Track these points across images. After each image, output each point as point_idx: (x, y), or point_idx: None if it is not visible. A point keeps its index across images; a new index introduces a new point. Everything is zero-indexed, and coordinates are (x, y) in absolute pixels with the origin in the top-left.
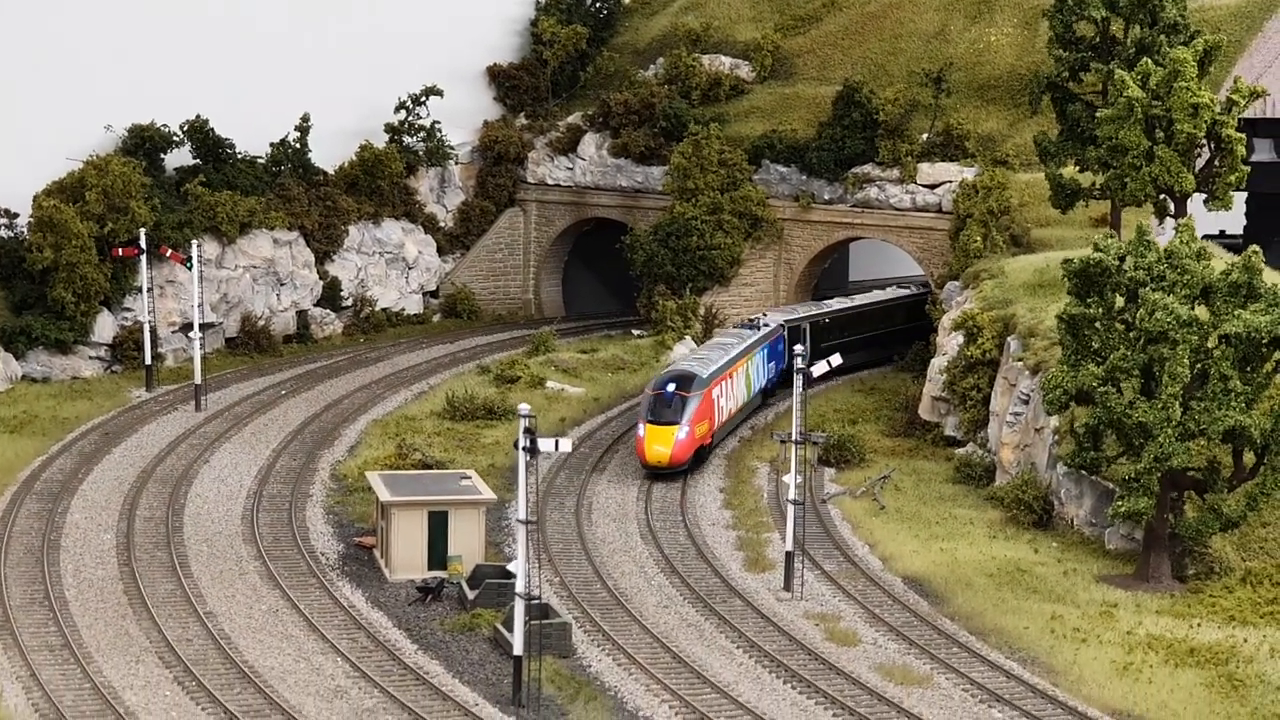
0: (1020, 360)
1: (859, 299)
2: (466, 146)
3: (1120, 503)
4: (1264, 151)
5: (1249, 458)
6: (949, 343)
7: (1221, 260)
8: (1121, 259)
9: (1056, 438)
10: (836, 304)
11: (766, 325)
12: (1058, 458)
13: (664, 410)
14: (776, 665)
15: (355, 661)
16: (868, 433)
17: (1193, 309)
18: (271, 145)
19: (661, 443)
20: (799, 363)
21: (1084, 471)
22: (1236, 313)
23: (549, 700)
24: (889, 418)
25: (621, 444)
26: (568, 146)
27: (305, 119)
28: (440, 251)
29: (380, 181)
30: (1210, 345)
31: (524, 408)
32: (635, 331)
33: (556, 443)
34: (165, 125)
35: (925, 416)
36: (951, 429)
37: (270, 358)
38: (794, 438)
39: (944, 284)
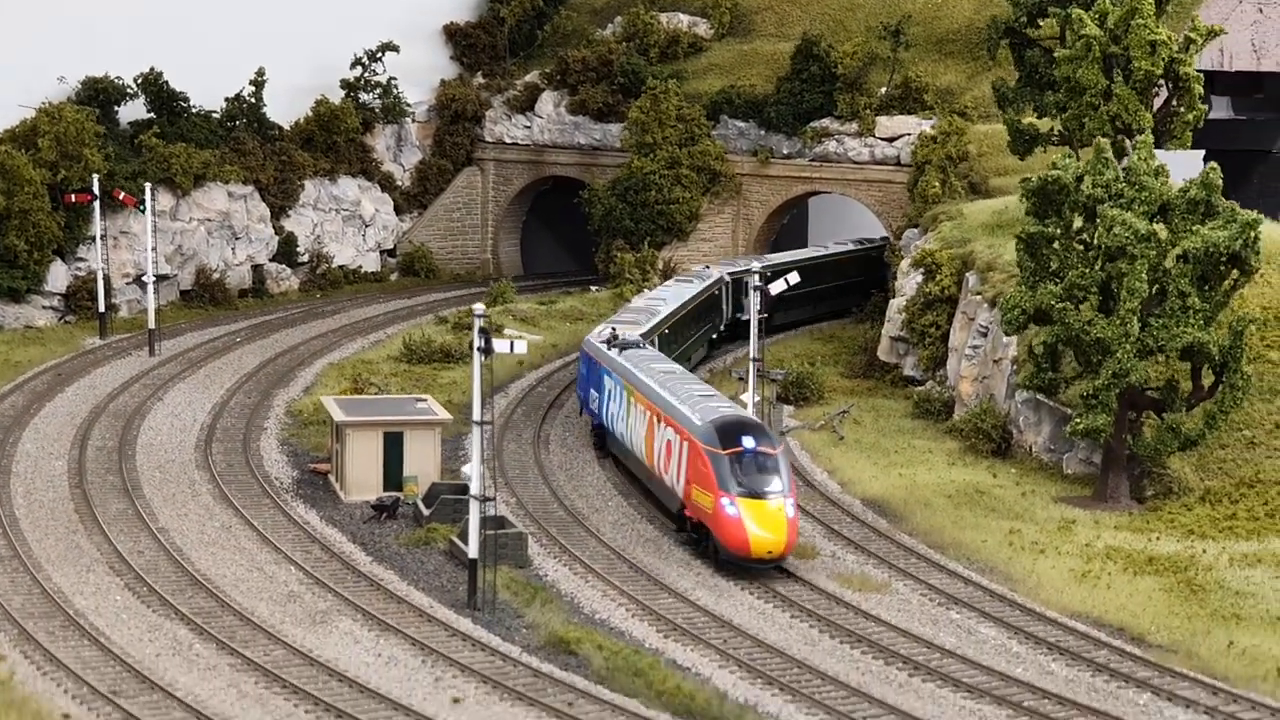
0: (979, 294)
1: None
2: (423, 105)
3: (1079, 420)
4: (1222, 109)
5: (1207, 376)
6: (907, 282)
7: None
8: (1080, 178)
9: (1015, 367)
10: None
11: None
12: (1016, 386)
13: (757, 477)
14: (734, 574)
15: (309, 570)
16: (827, 374)
17: (1151, 225)
18: (226, 100)
19: (770, 527)
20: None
21: (1041, 393)
22: (1195, 228)
23: (504, 604)
24: (848, 361)
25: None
26: (525, 105)
27: (260, 73)
28: (398, 210)
29: (336, 137)
30: (1168, 265)
31: (478, 308)
32: (594, 288)
33: (511, 344)
34: (119, 78)
35: (884, 358)
36: (910, 368)
37: (225, 311)
38: (751, 355)
39: (902, 233)
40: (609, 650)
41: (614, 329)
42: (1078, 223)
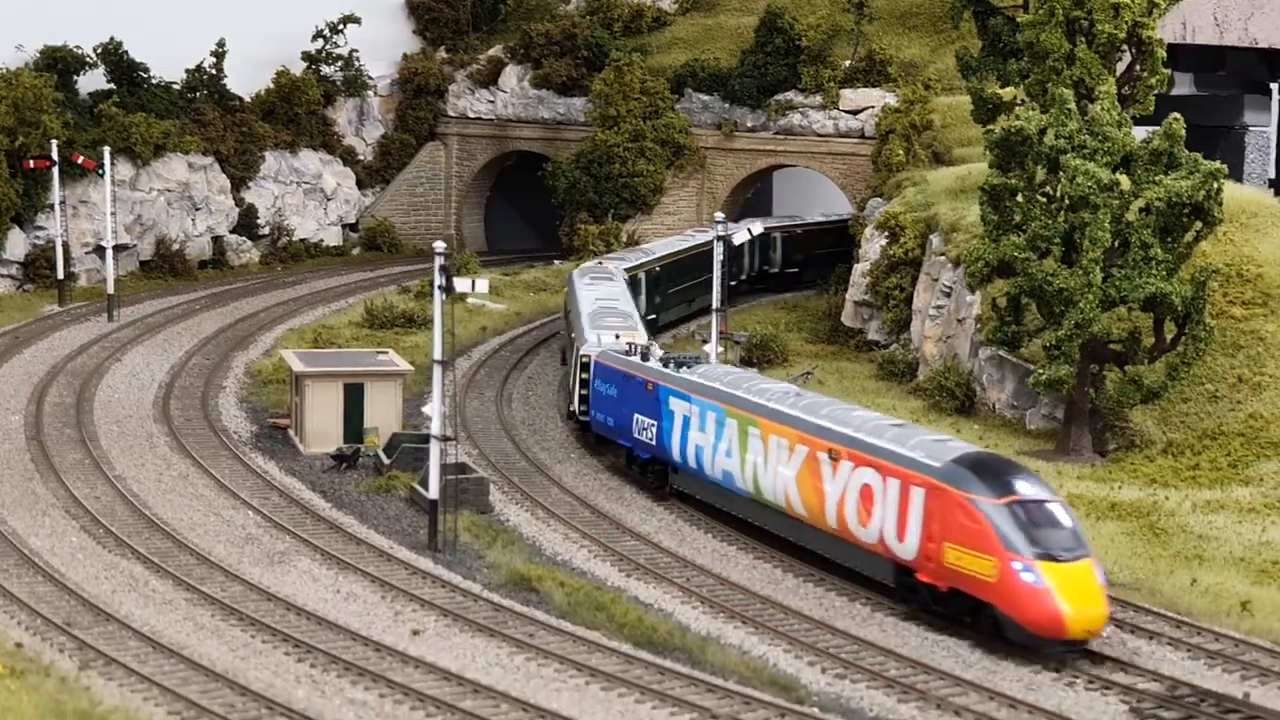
0: (942, 254)
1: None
2: (386, 79)
3: (1041, 371)
4: (1185, 85)
5: (1170, 328)
6: (871, 246)
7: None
8: (1043, 130)
9: (978, 325)
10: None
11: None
12: (979, 344)
13: (1052, 532)
14: (696, 520)
15: (267, 514)
16: (791, 339)
17: (1114, 175)
18: (187, 71)
19: (1086, 598)
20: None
21: (1005, 347)
22: (1158, 179)
23: (465, 546)
24: (812, 327)
25: (543, 347)
26: (489, 79)
27: (221, 44)
28: (360, 184)
29: (298, 109)
30: (1130, 217)
31: (439, 245)
32: (557, 261)
33: (473, 283)
34: (78, 47)
35: (848, 323)
36: (874, 332)
37: (185, 281)
38: (714, 306)
39: (866, 204)
40: (570, 587)
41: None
42: (1041, 175)
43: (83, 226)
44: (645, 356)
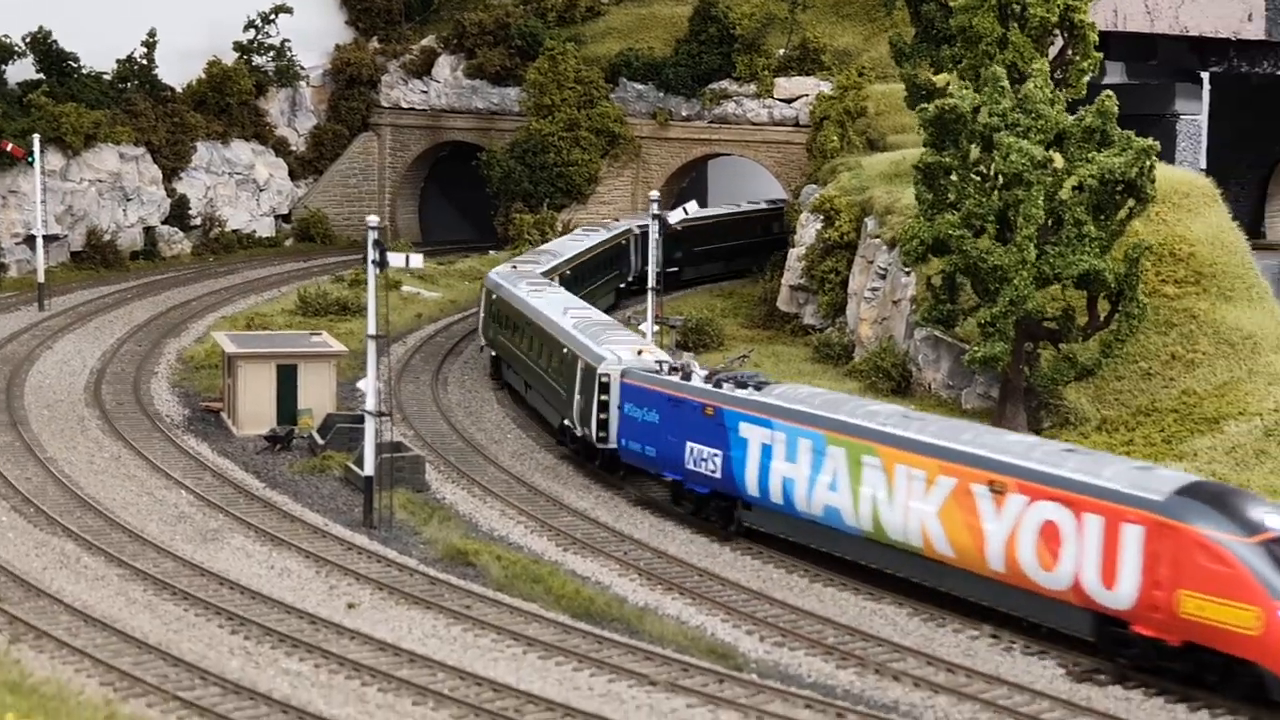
0: (877, 237)
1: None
2: (318, 70)
3: (977, 348)
4: (1116, 74)
5: (1103, 306)
6: (806, 230)
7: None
8: (976, 109)
9: (914, 306)
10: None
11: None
12: (915, 324)
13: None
14: (632, 497)
15: (200, 493)
16: (727, 325)
17: (1048, 152)
18: (118, 61)
19: None
20: None
21: (940, 326)
22: (1091, 156)
23: (401, 523)
24: (748, 313)
25: (479, 335)
26: (422, 69)
27: (152, 34)
28: (292, 175)
29: (229, 99)
30: (1064, 195)
31: (372, 219)
32: (492, 251)
33: (407, 258)
34: (6, 36)
35: (784, 308)
36: (810, 317)
37: (116, 272)
38: (650, 285)
39: (800, 191)
40: (507, 561)
41: (675, 363)
42: (975, 153)
43: (12, 216)
44: (687, 375)
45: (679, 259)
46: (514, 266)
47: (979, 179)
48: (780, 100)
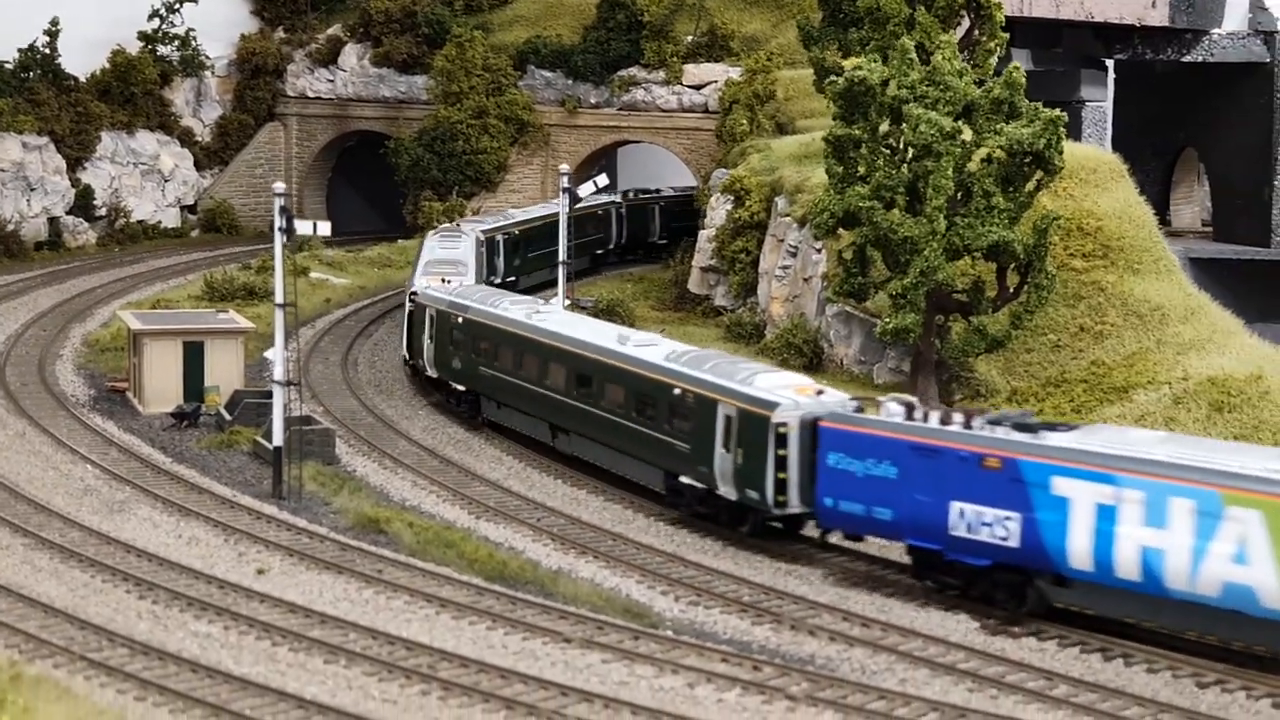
0: (788, 215)
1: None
2: (223, 60)
3: (888, 320)
4: (1022, 61)
5: (1013, 277)
6: (716, 211)
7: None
8: (885, 82)
9: (825, 283)
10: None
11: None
12: (826, 300)
13: None
14: (545, 467)
15: (106, 467)
16: (638, 307)
17: (956, 124)
18: (20, 50)
19: None
20: None
21: (851, 299)
22: (999, 127)
23: (311, 495)
24: (658, 296)
25: (389, 318)
26: (328, 58)
27: (55, 23)
28: (198, 166)
29: (134, 89)
30: (972, 168)
31: (278, 186)
32: (402, 241)
33: (315, 225)
34: None
35: (695, 290)
36: (721, 298)
37: (20, 262)
38: (562, 259)
39: (710, 176)
40: (419, 528)
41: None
42: (885, 126)
43: None
44: (925, 416)
45: (519, 267)
46: (428, 291)
47: (889, 152)
48: (689, 87)
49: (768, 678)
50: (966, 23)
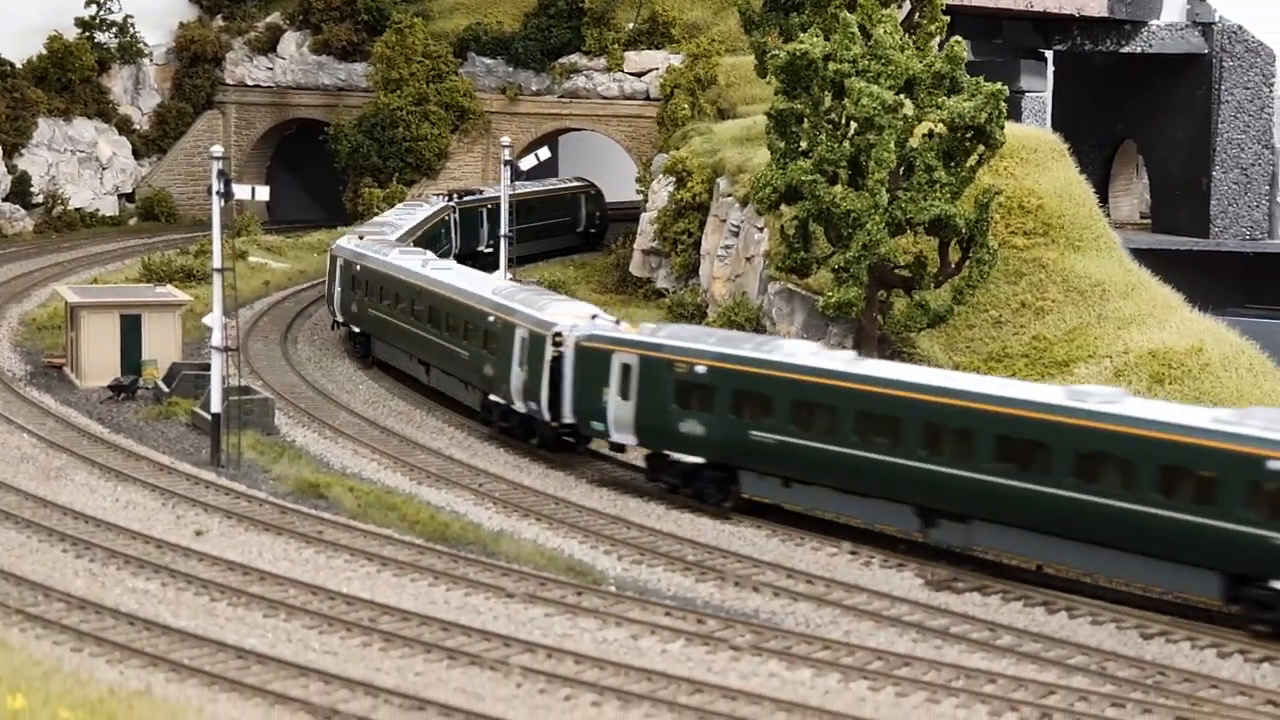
0: (730, 195)
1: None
2: (162, 48)
3: (831, 294)
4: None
5: (955, 252)
6: (658, 193)
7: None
8: (828, 57)
9: (767, 262)
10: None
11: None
12: (769, 278)
13: None
14: (487, 436)
15: (43, 436)
16: (579, 289)
17: (898, 97)
18: None
19: None
20: None
21: (794, 274)
22: (941, 101)
23: (250, 463)
24: (600, 279)
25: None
26: (267, 46)
27: None
28: (136, 154)
29: (71, 75)
30: (914, 144)
31: (216, 149)
32: (342, 227)
33: (253, 190)
34: None
35: (636, 273)
36: (663, 280)
37: None
38: (504, 233)
39: (651, 162)
40: (360, 492)
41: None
42: (827, 101)
43: None
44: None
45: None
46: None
47: (831, 126)
48: (630, 74)
49: (712, 630)
50: (908, 5)
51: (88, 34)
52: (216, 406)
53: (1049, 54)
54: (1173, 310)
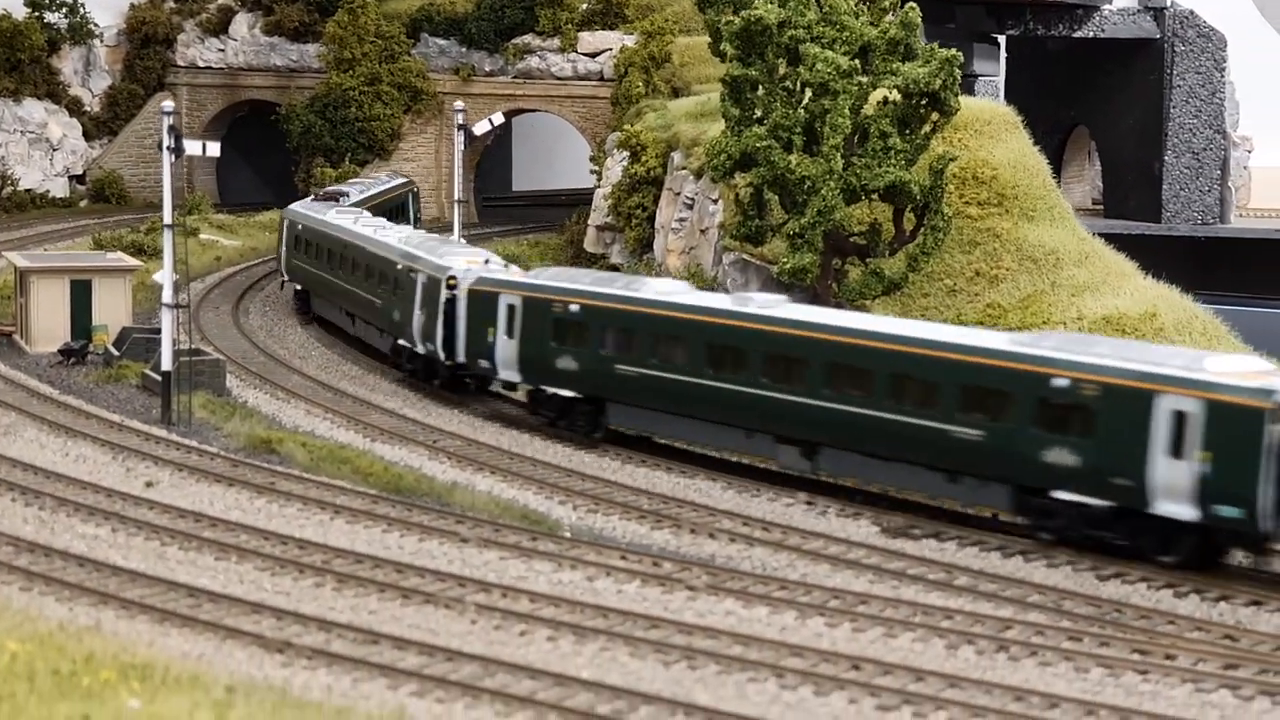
0: (684, 168)
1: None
2: (113, 29)
3: (786, 260)
4: None
5: (909, 219)
6: (612, 169)
7: None
8: (782, 24)
9: (721, 233)
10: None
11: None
12: (723, 249)
13: None
14: (441, 396)
15: None
16: (533, 265)
17: (853, 62)
18: None
19: None
20: None
21: (748, 242)
22: (896, 66)
23: (201, 421)
24: (554, 257)
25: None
26: (219, 27)
27: None
28: (87, 136)
29: (20, 55)
30: (869, 111)
31: (167, 105)
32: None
33: (204, 145)
34: None
35: (591, 249)
36: (617, 256)
37: None
38: (457, 197)
39: (605, 142)
40: (313, 447)
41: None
42: (782, 68)
43: None
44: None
45: None
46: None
47: (785, 93)
48: (584, 55)
49: (668, 572)
50: None
51: (37, 14)
52: (167, 364)
53: (1002, 39)
54: (1126, 277)
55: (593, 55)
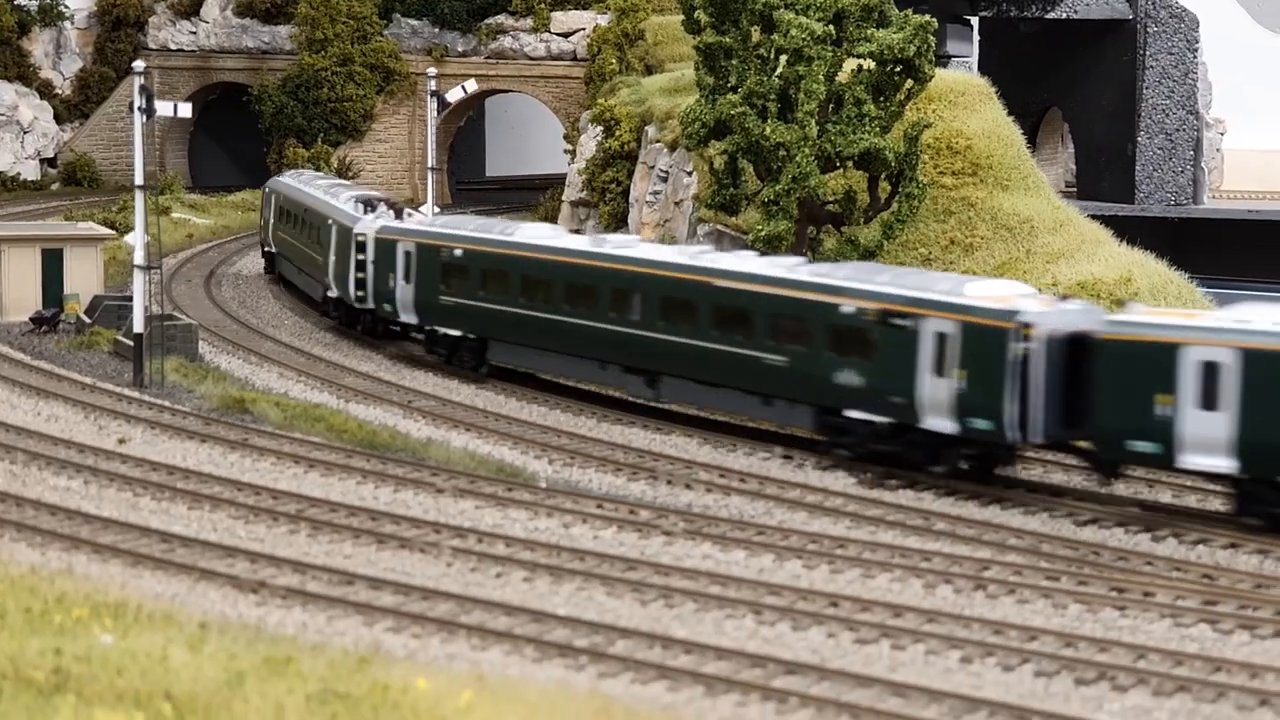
0: (658, 141)
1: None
2: (84, 12)
3: (760, 227)
4: None
5: (884, 187)
6: (585, 144)
7: None
8: None
9: (695, 205)
10: None
11: None
12: (697, 221)
13: None
14: (417, 361)
15: None
16: None
17: (828, 28)
18: None
19: None
20: None
21: (723, 211)
22: (870, 33)
23: (174, 384)
24: None
25: (253, 250)
26: (190, 10)
27: None
28: (58, 119)
29: None
30: (843, 79)
31: (138, 64)
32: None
33: (175, 107)
34: None
35: (564, 225)
36: (591, 230)
37: None
38: (430, 165)
39: (578, 121)
40: (286, 406)
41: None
42: (756, 35)
43: None
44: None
45: None
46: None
47: (760, 60)
48: (557, 35)
49: (645, 519)
50: None
51: None
52: (139, 327)
53: (974, 21)
54: (1101, 244)
55: (566, 35)
